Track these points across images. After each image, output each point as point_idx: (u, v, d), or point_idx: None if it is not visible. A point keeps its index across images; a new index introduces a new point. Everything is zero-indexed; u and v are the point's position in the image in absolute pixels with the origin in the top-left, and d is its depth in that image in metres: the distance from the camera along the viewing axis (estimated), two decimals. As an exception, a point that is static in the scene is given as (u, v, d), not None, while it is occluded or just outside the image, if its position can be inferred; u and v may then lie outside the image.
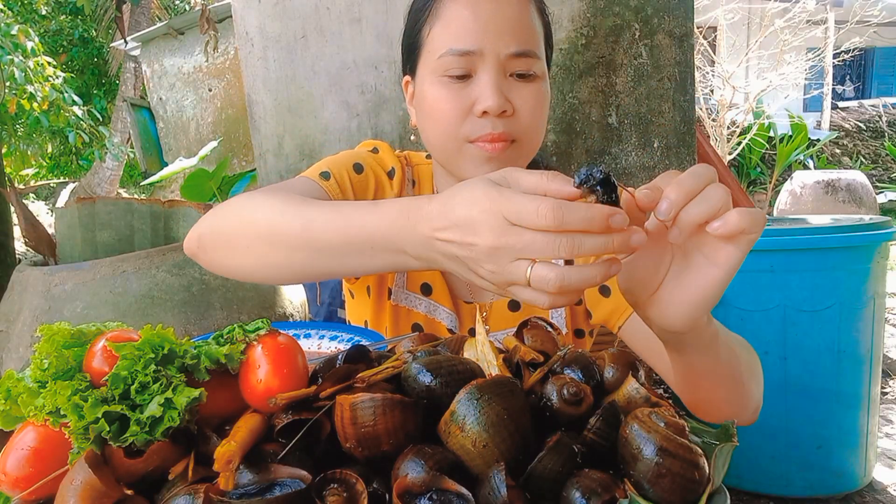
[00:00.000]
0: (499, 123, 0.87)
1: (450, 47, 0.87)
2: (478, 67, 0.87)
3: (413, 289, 1.05)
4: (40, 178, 11.38)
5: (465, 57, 0.86)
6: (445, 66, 0.87)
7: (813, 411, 2.14)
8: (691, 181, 0.55)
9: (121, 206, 1.80)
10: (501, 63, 0.87)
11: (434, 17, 0.89)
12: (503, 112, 0.87)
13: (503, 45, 0.86)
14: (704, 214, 0.54)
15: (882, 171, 10.76)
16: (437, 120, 0.90)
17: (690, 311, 0.60)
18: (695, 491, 0.48)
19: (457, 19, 0.87)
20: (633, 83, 3.09)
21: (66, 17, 10.98)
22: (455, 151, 0.91)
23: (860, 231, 2.10)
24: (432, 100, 0.90)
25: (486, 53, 0.86)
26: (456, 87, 0.88)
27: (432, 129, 0.93)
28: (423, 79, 0.93)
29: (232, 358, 0.55)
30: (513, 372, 0.61)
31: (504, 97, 0.86)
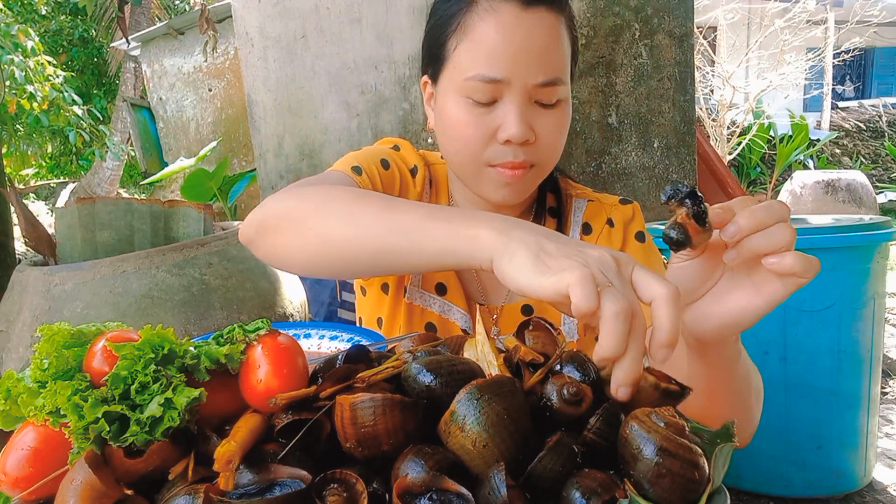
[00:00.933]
0: (520, 152, 0.86)
1: (478, 72, 0.84)
2: (504, 94, 0.85)
3: (428, 288, 1.05)
4: (40, 178, 11.38)
5: (493, 84, 0.84)
6: (471, 90, 0.86)
7: (813, 411, 2.14)
8: (764, 214, 0.57)
9: (121, 206, 1.80)
10: (528, 91, 0.85)
11: (462, 33, 0.87)
12: (526, 141, 0.86)
13: (531, 74, 0.84)
14: (765, 247, 0.57)
15: (882, 171, 10.77)
16: (458, 141, 0.89)
17: (722, 328, 0.64)
18: (695, 491, 0.48)
19: (487, 43, 0.84)
20: (633, 83, 3.10)
21: (66, 17, 10.98)
22: (474, 173, 0.91)
23: (860, 231, 2.10)
24: (455, 120, 0.89)
25: (513, 82, 0.84)
26: (480, 112, 0.86)
27: (452, 148, 0.92)
28: (445, 92, 0.91)
29: (232, 358, 0.55)
30: (513, 372, 0.61)
31: (528, 126, 0.85)
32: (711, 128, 9.17)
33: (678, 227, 0.56)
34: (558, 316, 1.04)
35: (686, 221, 0.56)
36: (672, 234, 0.57)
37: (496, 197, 0.92)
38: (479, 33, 0.85)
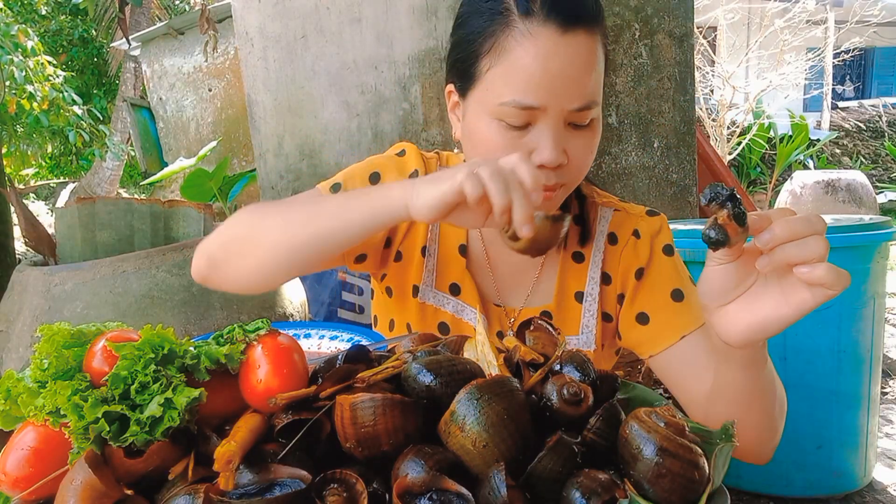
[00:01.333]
0: (552, 175, 0.85)
1: (513, 98, 0.82)
2: (538, 119, 0.83)
3: (441, 288, 1.05)
4: (40, 178, 11.38)
5: (528, 111, 0.83)
6: (504, 115, 0.84)
7: (813, 411, 2.14)
8: (800, 226, 0.60)
9: (121, 206, 1.80)
10: (563, 116, 0.84)
11: (497, 56, 0.83)
12: (559, 165, 0.85)
13: (567, 100, 0.82)
14: (797, 257, 0.59)
15: (882, 171, 10.77)
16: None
17: (749, 334, 0.66)
18: (695, 491, 0.48)
19: (524, 70, 0.81)
20: (633, 83, 3.10)
21: (66, 17, 10.98)
22: None
23: (860, 231, 2.10)
24: (486, 142, 0.87)
25: (549, 109, 0.82)
26: (513, 136, 0.85)
27: None
28: (476, 112, 0.88)
29: (232, 358, 0.55)
30: (513, 372, 0.61)
31: (562, 151, 0.84)
32: (711, 128, 9.17)
33: (718, 228, 0.59)
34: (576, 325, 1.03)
35: (727, 223, 0.59)
36: (712, 234, 0.59)
37: None
38: (515, 58, 0.82)
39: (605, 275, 1.03)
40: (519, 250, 0.75)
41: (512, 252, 1.04)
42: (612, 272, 1.03)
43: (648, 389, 0.68)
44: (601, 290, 1.02)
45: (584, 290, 1.03)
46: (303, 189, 3.69)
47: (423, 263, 1.04)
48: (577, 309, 1.03)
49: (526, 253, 0.75)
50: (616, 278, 1.02)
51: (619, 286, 1.02)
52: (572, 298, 1.03)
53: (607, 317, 1.04)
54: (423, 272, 1.04)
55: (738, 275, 0.65)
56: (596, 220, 1.05)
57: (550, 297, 1.03)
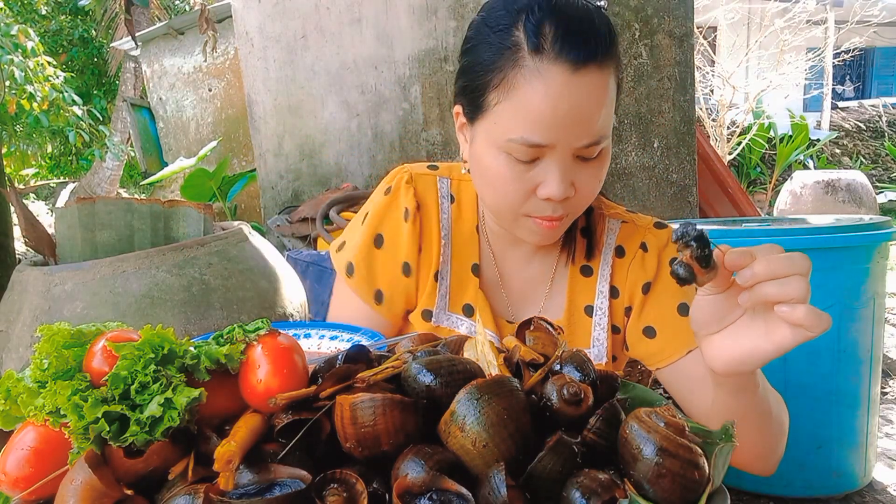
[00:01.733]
0: (559, 207, 0.86)
1: (521, 136, 0.81)
2: (546, 154, 0.83)
3: (455, 310, 1.04)
4: (40, 178, 11.38)
5: (535, 148, 0.82)
6: (512, 150, 0.83)
7: (813, 411, 2.14)
8: (782, 266, 0.60)
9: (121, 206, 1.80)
10: (572, 152, 0.83)
11: (505, 91, 0.81)
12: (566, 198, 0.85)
13: (575, 138, 0.81)
14: (777, 296, 0.61)
15: (882, 171, 10.77)
16: (496, 193, 0.88)
17: (733, 364, 0.68)
18: (695, 491, 0.48)
19: (533, 109, 0.79)
20: (633, 83, 3.10)
21: (66, 17, 10.98)
22: (511, 220, 0.91)
23: (860, 231, 2.10)
24: (493, 173, 0.86)
25: (558, 147, 0.81)
26: (521, 169, 0.84)
27: (489, 196, 0.91)
28: (483, 141, 0.87)
29: (232, 358, 0.55)
30: (513, 372, 0.61)
31: (570, 184, 0.84)
32: (711, 128, 9.17)
33: (685, 266, 0.60)
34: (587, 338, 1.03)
35: (691, 262, 0.60)
36: (679, 271, 0.61)
37: (531, 240, 0.94)
38: (524, 96, 0.79)
39: (613, 288, 1.03)
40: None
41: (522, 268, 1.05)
42: (619, 286, 1.03)
43: (648, 389, 0.68)
44: (610, 304, 1.03)
45: (593, 304, 1.03)
46: (303, 189, 3.69)
47: (437, 288, 1.03)
48: (587, 323, 1.03)
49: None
50: (624, 292, 1.03)
51: (627, 299, 1.02)
52: (582, 312, 1.03)
53: (616, 329, 1.04)
54: (437, 297, 1.03)
55: (726, 307, 0.66)
56: (603, 233, 1.05)
57: (561, 312, 1.03)
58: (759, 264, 0.61)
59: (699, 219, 3.17)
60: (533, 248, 1.04)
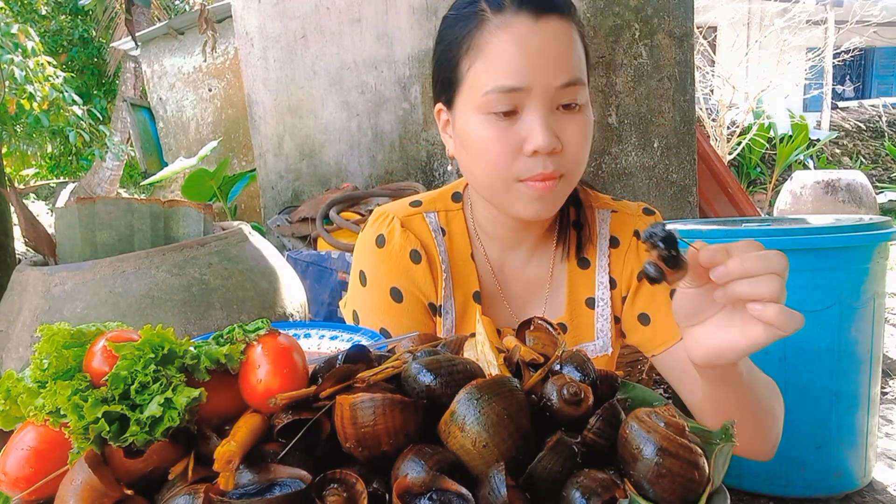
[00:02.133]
0: (549, 162, 0.85)
1: (495, 84, 0.83)
2: (525, 104, 0.84)
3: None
4: (40, 178, 11.38)
5: (513, 94, 0.83)
6: (491, 104, 0.84)
7: (813, 411, 2.14)
8: (755, 263, 0.61)
9: (121, 206, 1.80)
10: (550, 97, 0.84)
11: (475, 53, 0.85)
12: (553, 150, 0.84)
13: (551, 78, 0.83)
14: (749, 295, 0.61)
15: (882, 171, 10.77)
16: (486, 160, 0.87)
17: (709, 357, 0.68)
18: (695, 491, 0.48)
19: (502, 56, 0.83)
20: (633, 83, 3.10)
21: (66, 17, 10.98)
22: (504, 190, 0.89)
23: (860, 231, 2.10)
24: (479, 139, 0.87)
25: (533, 90, 0.82)
26: (503, 126, 0.85)
27: (479, 169, 0.90)
28: (465, 115, 0.89)
29: (232, 358, 0.55)
30: (513, 372, 0.61)
31: (554, 135, 0.84)
32: (711, 128, 9.17)
33: (654, 266, 0.61)
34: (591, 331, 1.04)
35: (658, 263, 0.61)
36: (650, 270, 0.62)
37: (528, 213, 0.90)
38: (493, 48, 0.83)
39: (611, 279, 1.04)
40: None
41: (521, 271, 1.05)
42: (617, 276, 1.04)
43: (648, 389, 0.68)
44: (610, 295, 1.03)
45: (594, 296, 1.03)
46: (303, 189, 3.69)
47: (441, 324, 1.02)
48: (589, 315, 1.04)
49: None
50: (622, 281, 1.03)
51: (624, 289, 1.03)
52: (583, 305, 1.04)
53: (617, 319, 1.05)
54: (443, 332, 1.03)
55: (705, 301, 0.67)
56: (595, 224, 1.05)
57: (563, 308, 1.04)
58: (733, 262, 0.61)
59: (699, 219, 3.17)
60: (530, 249, 1.04)
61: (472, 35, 0.85)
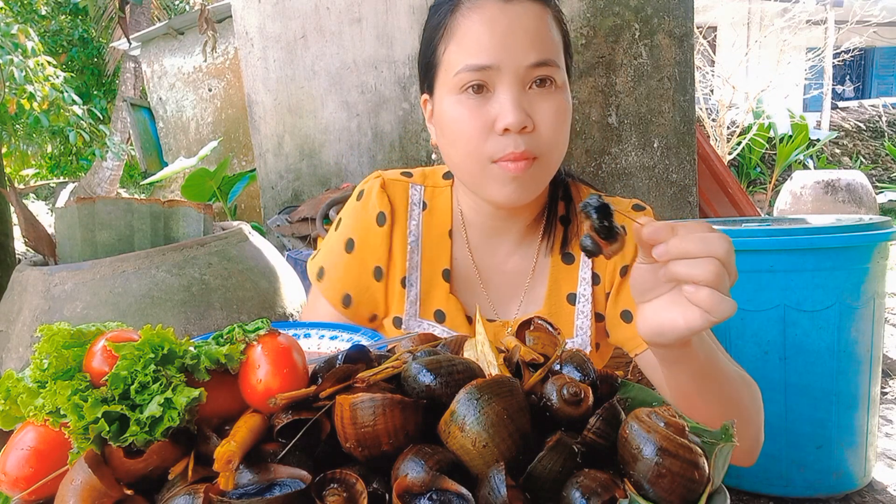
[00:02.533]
0: (521, 141, 0.85)
1: (466, 63, 0.85)
2: (496, 82, 0.85)
3: (426, 316, 1.04)
4: (40, 178, 11.38)
5: (482, 72, 0.84)
6: (462, 82, 0.85)
7: (813, 411, 2.14)
8: (696, 245, 0.60)
9: (121, 206, 1.80)
10: (520, 75, 0.84)
11: (449, 35, 0.88)
12: (524, 129, 0.85)
13: (521, 56, 0.84)
14: (685, 276, 0.61)
15: (882, 171, 10.77)
16: (459, 140, 0.88)
17: (652, 336, 0.68)
18: (695, 491, 0.48)
19: (472, 35, 0.85)
20: (633, 83, 3.10)
21: (66, 17, 10.98)
22: (479, 172, 0.89)
23: (860, 231, 2.10)
24: (452, 119, 0.88)
25: (503, 67, 0.84)
26: (474, 104, 0.86)
27: (454, 150, 0.91)
28: (441, 98, 0.91)
29: (232, 358, 0.55)
30: (513, 372, 0.61)
31: (524, 113, 0.84)
32: (711, 128, 9.17)
33: (590, 238, 0.61)
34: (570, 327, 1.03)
35: (593, 234, 0.61)
36: (585, 242, 0.62)
37: (502, 196, 0.90)
38: (464, 29, 0.86)
39: (594, 275, 1.03)
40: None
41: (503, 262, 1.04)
42: (601, 272, 1.03)
43: (648, 389, 0.68)
44: (592, 291, 1.03)
45: (576, 292, 1.03)
46: (303, 189, 3.69)
47: (405, 294, 1.03)
48: (570, 311, 1.03)
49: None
50: (605, 277, 1.02)
51: (608, 285, 1.02)
52: (564, 301, 1.03)
53: (599, 317, 1.04)
54: (406, 303, 1.03)
55: (656, 279, 0.66)
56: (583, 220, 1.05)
57: (542, 303, 1.03)
58: (674, 241, 0.61)
59: (699, 219, 3.17)
60: (515, 240, 1.04)
61: (447, 20, 0.88)
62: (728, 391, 0.79)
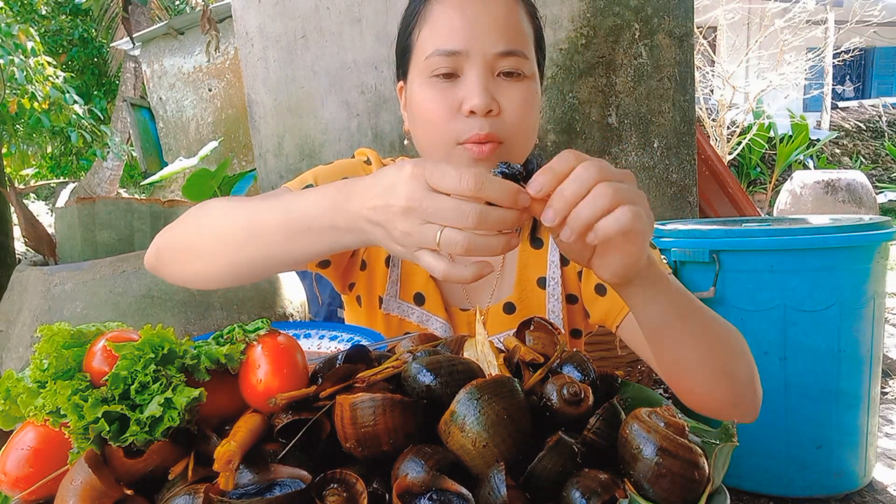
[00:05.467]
0: (486, 124, 0.86)
1: (436, 48, 0.87)
2: (464, 67, 0.87)
3: (406, 298, 1.05)
4: (40, 178, 11.38)
5: (452, 57, 0.86)
6: (432, 66, 0.87)
7: (813, 411, 2.14)
8: (574, 187, 0.57)
9: (121, 206, 1.80)
10: (489, 62, 0.87)
11: (422, 21, 0.90)
12: (489, 112, 0.86)
13: (490, 44, 0.86)
14: (591, 218, 0.56)
15: (882, 171, 10.76)
16: (426, 121, 0.90)
17: (614, 278, 0.66)
18: (695, 491, 0.48)
19: (443, 20, 0.87)
20: (633, 83, 3.10)
21: (66, 17, 10.98)
22: (444, 154, 0.91)
23: (860, 231, 2.10)
24: (420, 100, 0.90)
25: (472, 53, 0.86)
26: (443, 87, 0.88)
27: (422, 131, 0.93)
28: (412, 82, 0.93)
29: (232, 358, 0.55)
30: (513, 372, 0.61)
31: (490, 96, 0.86)
32: (711, 128, 9.16)
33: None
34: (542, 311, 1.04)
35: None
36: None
37: None
38: (436, 15, 0.88)
39: (562, 257, 1.03)
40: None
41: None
42: None
43: (648, 389, 0.68)
44: (562, 273, 1.03)
45: (545, 276, 1.03)
46: (303, 189, 3.69)
47: (388, 274, 1.04)
48: (540, 295, 1.03)
49: None
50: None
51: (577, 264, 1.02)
52: (534, 285, 1.04)
53: (572, 298, 1.05)
54: (388, 283, 1.04)
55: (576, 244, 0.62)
56: None
57: (512, 289, 1.04)
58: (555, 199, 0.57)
59: (699, 219, 3.17)
60: None
61: (422, 7, 0.91)
62: (712, 326, 0.78)
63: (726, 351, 0.79)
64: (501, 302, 1.04)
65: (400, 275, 1.05)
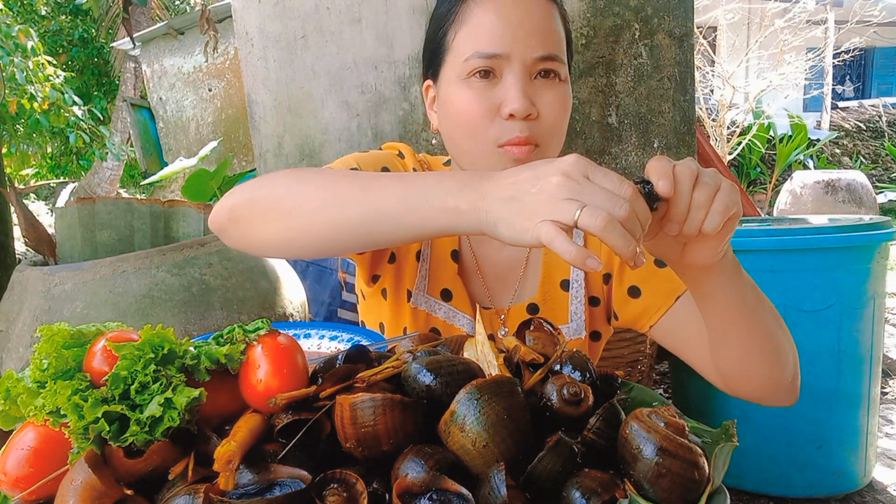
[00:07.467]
0: (525, 127, 0.87)
1: (476, 50, 0.87)
2: (504, 70, 0.87)
3: (433, 293, 1.05)
4: (40, 178, 11.38)
5: (492, 59, 0.87)
6: (471, 67, 0.88)
7: (813, 411, 2.14)
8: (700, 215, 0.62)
9: (121, 206, 1.80)
10: (527, 66, 0.87)
11: (459, 22, 0.90)
12: (528, 115, 0.87)
13: (530, 49, 0.87)
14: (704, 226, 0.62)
15: (882, 171, 10.76)
16: (465, 122, 0.90)
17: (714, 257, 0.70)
18: (695, 491, 0.48)
19: (484, 24, 0.87)
20: (633, 83, 3.10)
21: (66, 17, 10.98)
22: (482, 155, 0.91)
23: (860, 231, 2.10)
24: (459, 101, 0.90)
25: (512, 57, 0.86)
26: (482, 88, 0.88)
27: (459, 133, 0.92)
28: (448, 82, 0.93)
29: (232, 358, 0.55)
30: (513, 372, 0.61)
31: (530, 101, 0.87)
32: (711, 128, 9.16)
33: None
34: (565, 313, 1.04)
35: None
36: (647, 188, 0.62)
37: None
38: (477, 17, 0.88)
39: None
40: None
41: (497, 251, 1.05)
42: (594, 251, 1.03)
43: (648, 389, 0.68)
44: (586, 275, 1.03)
45: (569, 278, 1.04)
46: (303, 189, 3.68)
47: (417, 268, 1.04)
48: (563, 297, 1.04)
49: None
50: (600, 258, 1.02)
51: (604, 266, 1.03)
52: (558, 287, 1.04)
53: (594, 301, 1.05)
54: (417, 277, 1.04)
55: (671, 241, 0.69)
56: None
57: (535, 290, 1.04)
58: (696, 215, 0.62)
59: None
60: None
61: (458, 7, 0.90)
62: (771, 308, 0.83)
63: (781, 332, 0.84)
64: (525, 302, 1.04)
65: (429, 270, 1.05)
